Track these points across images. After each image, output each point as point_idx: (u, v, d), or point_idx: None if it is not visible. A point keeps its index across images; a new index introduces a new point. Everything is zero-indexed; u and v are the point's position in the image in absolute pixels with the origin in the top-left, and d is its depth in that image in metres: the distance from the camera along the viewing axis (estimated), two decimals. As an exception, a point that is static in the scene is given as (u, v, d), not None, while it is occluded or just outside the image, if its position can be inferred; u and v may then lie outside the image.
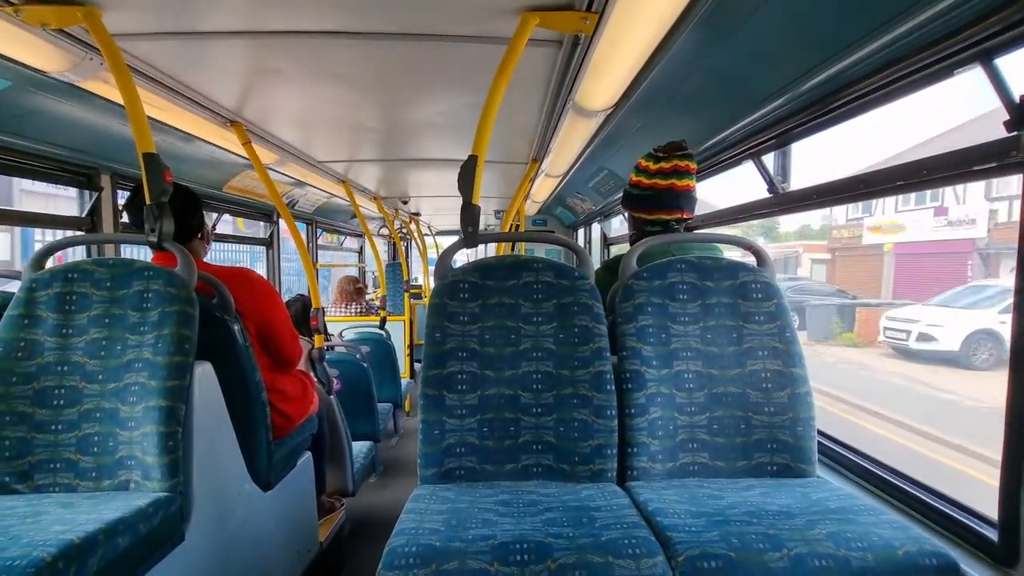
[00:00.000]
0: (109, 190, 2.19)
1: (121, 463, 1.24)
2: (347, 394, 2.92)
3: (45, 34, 1.40)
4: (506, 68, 1.40)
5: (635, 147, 2.40)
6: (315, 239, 4.82)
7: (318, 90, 2.06)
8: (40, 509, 1.08)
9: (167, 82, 1.83)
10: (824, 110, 1.43)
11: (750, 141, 1.81)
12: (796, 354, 1.29)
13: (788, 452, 1.24)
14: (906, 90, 1.19)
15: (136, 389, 1.26)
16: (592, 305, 1.30)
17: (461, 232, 1.39)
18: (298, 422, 1.85)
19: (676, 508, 1.03)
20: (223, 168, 2.85)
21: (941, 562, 0.88)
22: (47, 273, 1.35)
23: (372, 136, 2.82)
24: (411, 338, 5.02)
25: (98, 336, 1.30)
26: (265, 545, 1.67)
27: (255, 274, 1.77)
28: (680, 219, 1.54)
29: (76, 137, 1.96)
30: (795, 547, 0.89)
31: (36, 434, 1.25)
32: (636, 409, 1.25)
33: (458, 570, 0.86)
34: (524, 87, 1.97)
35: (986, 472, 4.82)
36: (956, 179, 1.08)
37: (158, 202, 1.40)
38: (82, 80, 1.63)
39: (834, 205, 1.54)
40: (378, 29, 1.55)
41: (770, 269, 1.37)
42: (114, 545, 1.02)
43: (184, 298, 1.33)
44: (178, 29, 1.50)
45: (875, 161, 14.32)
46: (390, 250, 7.61)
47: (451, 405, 1.24)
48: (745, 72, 1.50)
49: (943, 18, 0.97)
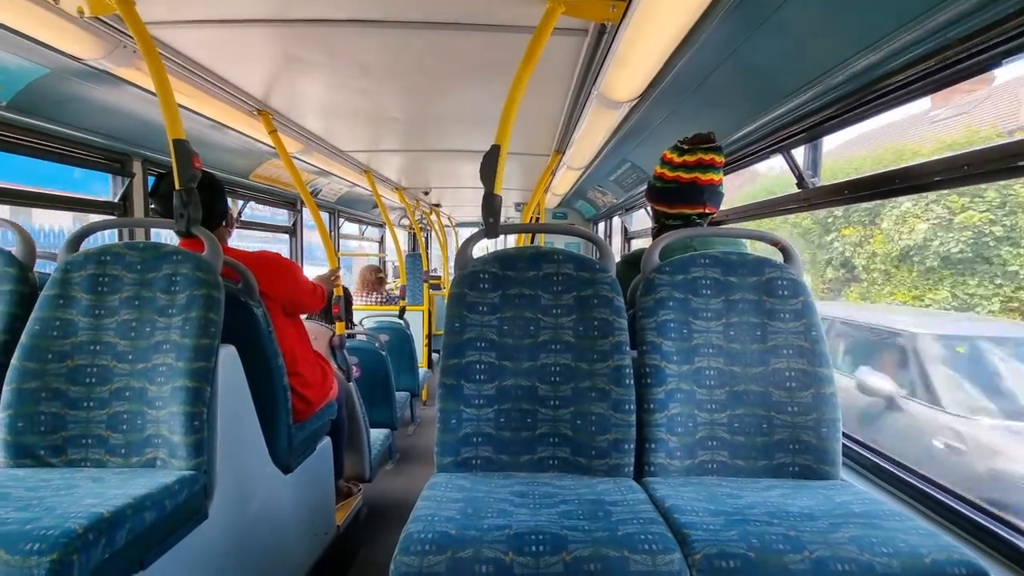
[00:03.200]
0: (140, 176, 2.25)
1: (148, 441, 1.28)
2: (366, 382, 2.97)
3: (81, 21, 1.43)
4: (531, 57, 1.38)
5: (659, 139, 2.36)
6: (337, 228, 4.88)
7: (343, 79, 2.07)
8: (72, 482, 1.13)
9: (198, 70, 1.86)
10: (858, 103, 1.38)
11: (779, 134, 1.76)
12: (822, 353, 1.25)
13: (811, 453, 1.21)
14: (946, 82, 1.14)
15: (164, 370, 1.29)
16: (612, 298, 1.28)
17: (482, 222, 1.39)
18: (318, 407, 1.88)
19: (694, 505, 1.02)
20: (250, 156, 2.90)
21: (970, 571, 0.85)
22: (82, 255, 1.40)
23: (395, 126, 2.83)
24: (429, 328, 5.06)
25: (128, 317, 1.34)
26: (284, 526, 1.71)
27: (276, 255, 1.80)
28: (703, 214, 1.50)
29: (110, 124, 2.01)
30: (817, 550, 0.87)
31: (69, 410, 1.29)
32: (655, 404, 1.23)
33: (473, 558, 0.86)
34: (548, 77, 1.95)
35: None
36: (999, 175, 1.04)
37: (187, 188, 1.43)
38: (116, 67, 1.67)
39: (866, 201, 1.48)
40: (404, 18, 1.55)
41: (797, 266, 1.33)
42: (141, 520, 1.06)
43: (211, 282, 1.36)
44: (209, 17, 1.52)
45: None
46: (410, 240, 7.67)
47: (469, 395, 1.24)
48: (775, 63, 1.46)
49: (986, 9, 0.92)
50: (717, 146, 1.49)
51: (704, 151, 1.47)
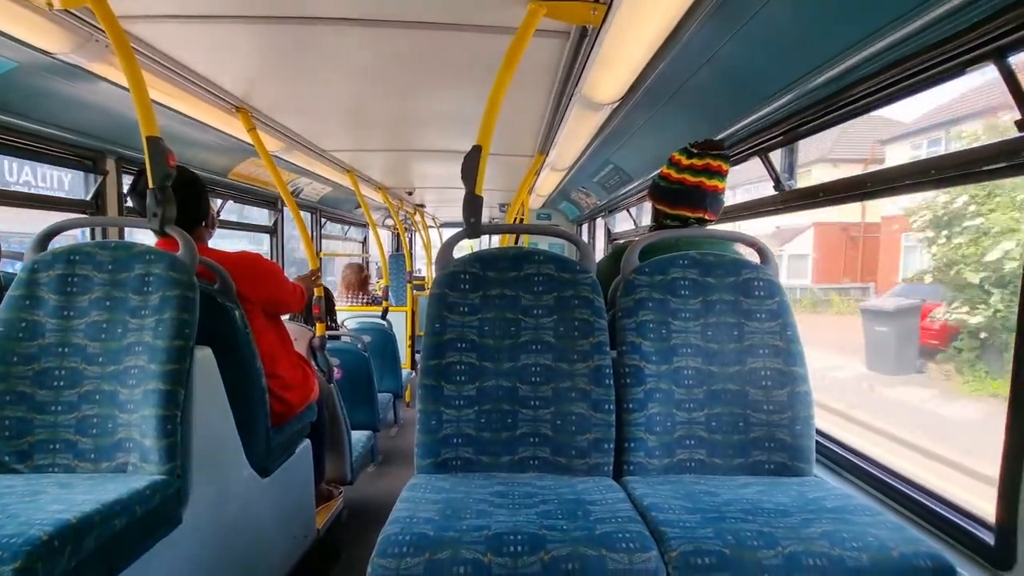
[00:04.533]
0: (114, 174, 2.19)
1: (119, 445, 1.25)
2: (348, 383, 2.93)
3: (51, 14, 1.39)
4: (513, 59, 1.39)
5: (641, 142, 2.38)
6: (319, 228, 4.82)
7: (325, 78, 2.05)
8: (38, 489, 1.09)
9: (173, 66, 1.82)
10: (832, 107, 1.42)
11: (757, 138, 1.79)
12: (797, 353, 1.28)
13: (786, 451, 1.24)
14: (917, 88, 1.18)
15: (136, 372, 1.26)
16: (593, 299, 1.29)
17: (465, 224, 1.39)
18: (298, 409, 1.85)
19: (671, 504, 1.03)
20: (229, 154, 2.85)
21: (936, 564, 0.88)
22: (49, 254, 1.36)
23: (378, 126, 2.81)
24: (413, 329, 5.03)
25: (99, 319, 1.31)
26: (263, 530, 1.68)
27: (257, 256, 1.77)
28: (702, 219, 1.51)
29: (82, 120, 1.96)
30: (789, 545, 0.89)
31: (36, 415, 1.25)
32: (634, 404, 1.24)
33: (451, 559, 0.86)
34: (531, 78, 1.95)
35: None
36: (965, 179, 1.07)
37: (161, 186, 1.40)
38: (88, 62, 1.63)
39: (840, 204, 1.52)
40: (386, 17, 1.54)
41: (773, 266, 1.36)
42: (110, 526, 1.03)
43: (185, 282, 1.33)
44: (184, 12, 1.49)
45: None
46: (394, 241, 7.61)
47: (449, 395, 1.24)
48: (753, 67, 1.48)
49: (955, 16, 0.96)
50: (726, 154, 1.50)
51: (713, 157, 1.49)
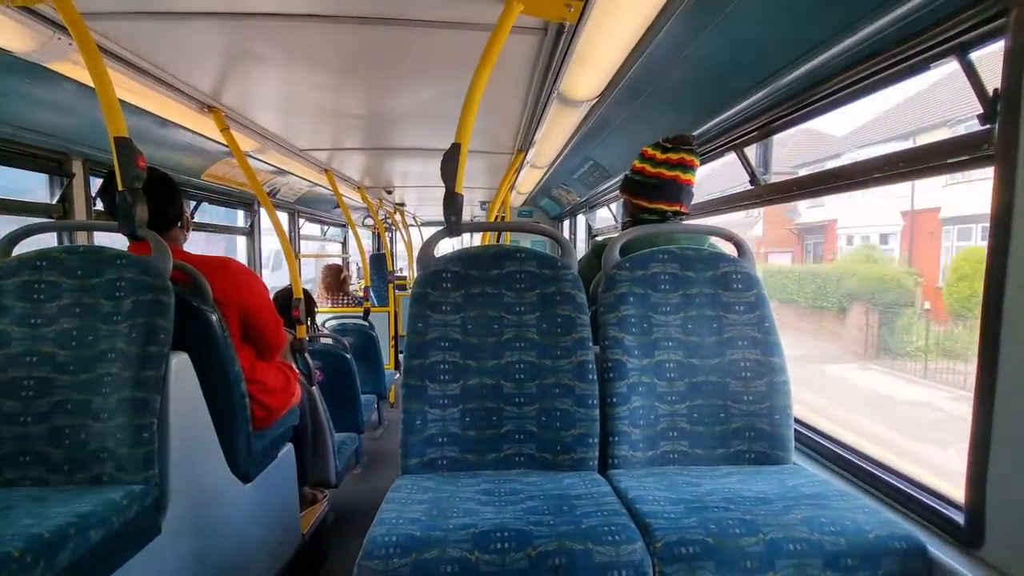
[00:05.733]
0: (81, 176, 2.12)
1: (94, 456, 1.21)
2: (330, 385, 2.89)
3: (10, 12, 1.34)
4: (489, 55, 1.38)
5: (620, 138, 2.40)
6: (297, 229, 4.75)
7: (298, 75, 2.01)
8: (9, 503, 1.06)
9: (140, 64, 1.77)
10: (805, 102, 1.45)
11: (733, 133, 1.82)
12: (774, 344, 1.31)
13: (766, 440, 1.26)
14: (884, 83, 1.21)
15: (109, 380, 1.23)
16: (575, 295, 1.30)
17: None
18: (279, 414, 1.82)
19: (656, 495, 1.04)
20: (202, 155, 2.78)
21: (910, 545, 0.91)
22: (14, 261, 1.31)
23: (355, 124, 2.77)
24: (395, 329, 4.99)
25: (69, 326, 1.27)
26: (246, 537, 1.65)
27: (236, 262, 1.74)
28: (677, 212, 1.54)
29: (45, 121, 1.89)
30: (770, 532, 0.91)
31: (3, 426, 1.21)
32: (618, 398, 1.25)
33: (438, 559, 0.86)
34: (508, 76, 1.95)
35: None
36: (932, 171, 1.10)
37: (131, 188, 1.36)
38: (50, 61, 1.57)
39: (813, 197, 1.56)
40: (359, 13, 1.51)
41: (750, 259, 1.38)
42: (86, 539, 1.00)
43: (159, 287, 1.30)
44: (151, 8, 1.45)
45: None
46: (374, 241, 7.53)
47: (433, 395, 1.23)
48: (727, 64, 1.51)
49: (919, 13, 0.99)
50: (695, 148, 1.55)
51: (687, 152, 1.53)
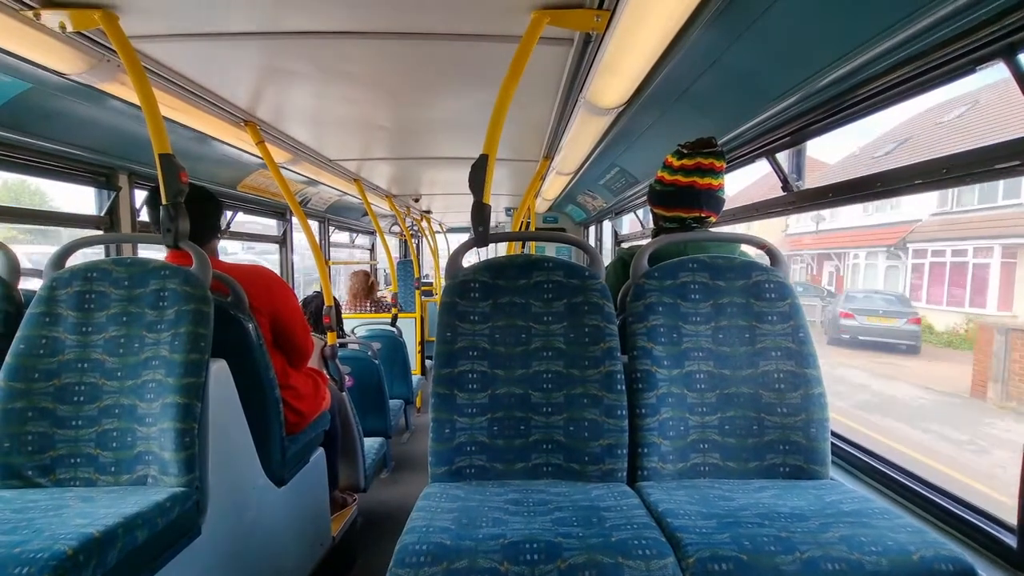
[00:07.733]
0: (127, 190, 2.23)
1: (139, 458, 1.26)
2: (359, 390, 2.95)
3: (64, 37, 1.42)
4: (517, 67, 1.39)
5: (647, 144, 2.38)
6: (327, 237, 4.86)
7: (331, 90, 2.07)
8: (61, 503, 1.11)
9: (183, 83, 1.85)
10: (839, 107, 1.41)
11: (764, 139, 1.79)
12: (810, 355, 1.27)
13: (801, 454, 1.23)
14: (925, 87, 1.17)
15: (153, 386, 1.28)
16: (603, 305, 1.29)
17: (472, 231, 1.39)
18: (311, 419, 1.87)
19: (687, 509, 1.02)
20: (237, 167, 2.89)
21: (957, 567, 0.86)
22: (67, 272, 1.38)
23: (384, 135, 2.83)
24: (422, 335, 5.05)
25: (116, 334, 1.33)
26: (279, 539, 1.69)
27: (269, 271, 1.79)
28: (699, 218, 1.50)
29: (95, 138, 2.00)
30: (808, 550, 0.88)
31: (57, 429, 1.28)
32: (647, 409, 1.24)
33: (468, 569, 0.86)
34: (535, 85, 1.96)
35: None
36: (978, 178, 1.06)
37: (174, 202, 1.42)
38: (100, 82, 1.66)
39: (850, 204, 1.51)
40: (390, 29, 1.55)
41: (784, 268, 1.35)
42: (133, 539, 1.04)
43: (200, 296, 1.35)
44: (193, 31, 1.52)
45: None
46: (401, 247, 7.65)
47: (462, 404, 1.24)
48: (758, 69, 1.48)
49: (964, 14, 0.95)
50: (718, 151, 1.47)
51: (704, 155, 1.47)
